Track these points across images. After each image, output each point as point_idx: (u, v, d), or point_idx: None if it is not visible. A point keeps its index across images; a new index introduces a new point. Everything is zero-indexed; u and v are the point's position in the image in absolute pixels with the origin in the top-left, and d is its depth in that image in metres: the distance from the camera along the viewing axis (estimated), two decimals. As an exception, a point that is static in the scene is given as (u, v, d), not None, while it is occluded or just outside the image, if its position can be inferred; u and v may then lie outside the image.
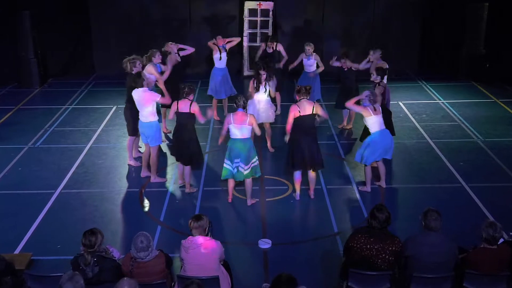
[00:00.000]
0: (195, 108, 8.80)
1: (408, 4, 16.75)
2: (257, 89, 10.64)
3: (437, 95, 14.61)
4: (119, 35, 16.69)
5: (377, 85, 9.82)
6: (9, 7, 14.93)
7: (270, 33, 16.03)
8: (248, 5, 16.07)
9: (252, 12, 16.13)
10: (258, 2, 16.01)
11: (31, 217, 8.57)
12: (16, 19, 14.90)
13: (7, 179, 9.97)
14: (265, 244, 7.82)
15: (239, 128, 8.52)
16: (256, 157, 8.79)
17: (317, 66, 12.55)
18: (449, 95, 14.57)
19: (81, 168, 10.42)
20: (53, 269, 6.44)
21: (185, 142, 8.96)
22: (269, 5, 16.06)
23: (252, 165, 8.70)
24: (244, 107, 8.64)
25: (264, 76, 10.57)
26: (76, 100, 14.49)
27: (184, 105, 8.79)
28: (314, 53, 12.52)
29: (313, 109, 8.58)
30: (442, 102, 14.03)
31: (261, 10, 16.09)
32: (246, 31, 16.23)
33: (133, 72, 9.77)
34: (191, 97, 8.85)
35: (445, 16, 16.41)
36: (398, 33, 16.92)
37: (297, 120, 8.58)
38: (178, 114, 8.87)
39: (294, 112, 8.57)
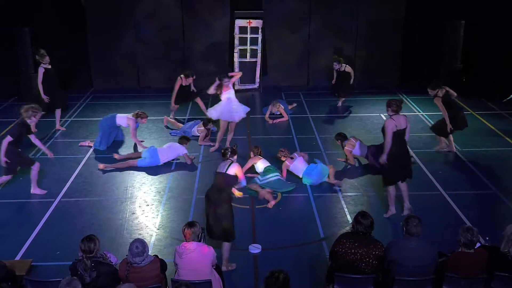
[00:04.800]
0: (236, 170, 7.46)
1: (389, 22, 16.88)
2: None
3: (416, 107, 14.71)
4: (115, 51, 16.71)
5: None
6: (9, 24, 14.88)
7: (259, 50, 16.16)
8: (238, 23, 16.13)
9: (242, 29, 16.19)
10: (248, 20, 16.07)
11: (31, 225, 8.53)
12: (16, 35, 14.87)
13: (9, 188, 9.90)
14: (255, 249, 7.82)
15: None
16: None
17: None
18: (428, 107, 14.64)
19: (80, 177, 10.38)
20: (52, 275, 6.41)
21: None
22: (258, 23, 16.12)
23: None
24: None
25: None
26: (75, 113, 14.46)
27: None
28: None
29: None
30: (422, 114, 14.12)
31: (251, 27, 16.15)
32: (237, 47, 16.28)
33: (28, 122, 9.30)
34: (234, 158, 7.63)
35: (425, 33, 16.54)
36: (380, 49, 17.06)
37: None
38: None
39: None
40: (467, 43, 15.81)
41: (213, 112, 11.35)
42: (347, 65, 14.30)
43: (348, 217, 8.76)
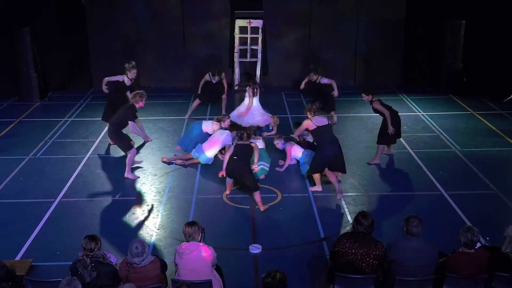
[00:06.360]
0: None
1: (390, 22, 16.88)
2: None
3: (417, 107, 14.70)
4: (115, 51, 16.69)
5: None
6: (9, 23, 14.89)
7: (259, 50, 16.15)
8: (238, 23, 16.13)
9: (243, 29, 16.19)
10: (248, 20, 16.06)
11: (31, 225, 8.52)
12: (16, 35, 14.87)
13: (8, 188, 9.91)
14: (255, 249, 7.82)
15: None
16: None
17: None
18: (429, 107, 14.67)
19: (80, 177, 10.37)
20: (52, 275, 6.41)
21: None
22: (258, 23, 16.12)
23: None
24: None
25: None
26: (75, 113, 14.45)
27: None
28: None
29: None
30: (422, 114, 14.11)
31: (251, 27, 16.15)
32: (237, 47, 16.27)
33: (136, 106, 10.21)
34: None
35: (426, 33, 16.54)
36: (380, 49, 17.06)
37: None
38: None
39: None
40: (467, 43, 15.82)
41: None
42: (322, 77, 12.75)
43: (349, 217, 8.76)
